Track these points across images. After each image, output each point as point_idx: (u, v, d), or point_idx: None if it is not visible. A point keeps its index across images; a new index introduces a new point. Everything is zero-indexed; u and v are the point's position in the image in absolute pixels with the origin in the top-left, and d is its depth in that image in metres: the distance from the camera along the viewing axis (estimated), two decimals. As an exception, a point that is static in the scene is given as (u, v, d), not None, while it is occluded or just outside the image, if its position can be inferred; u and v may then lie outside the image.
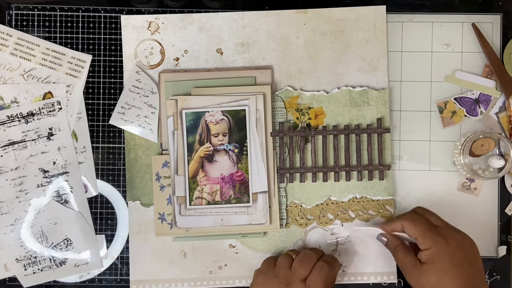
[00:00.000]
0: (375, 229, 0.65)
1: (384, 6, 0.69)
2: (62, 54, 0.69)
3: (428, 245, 0.59)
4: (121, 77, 0.69)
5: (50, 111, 0.68)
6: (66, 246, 0.68)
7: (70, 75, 0.69)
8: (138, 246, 0.68)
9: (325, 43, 0.69)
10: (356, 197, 0.69)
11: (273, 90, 0.69)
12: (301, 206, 0.69)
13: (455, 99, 0.69)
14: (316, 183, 0.69)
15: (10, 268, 0.68)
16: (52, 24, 0.69)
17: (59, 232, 0.68)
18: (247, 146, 0.67)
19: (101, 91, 0.70)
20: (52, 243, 0.68)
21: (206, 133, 0.67)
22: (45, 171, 0.68)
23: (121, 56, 0.69)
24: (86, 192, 0.69)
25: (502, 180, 0.69)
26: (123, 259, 0.69)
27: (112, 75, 0.70)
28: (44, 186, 0.68)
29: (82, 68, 0.69)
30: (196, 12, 0.69)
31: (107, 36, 0.70)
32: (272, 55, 0.69)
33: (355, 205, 0.69)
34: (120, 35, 0.69)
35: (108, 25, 0.70)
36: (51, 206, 0.68)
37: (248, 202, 0.67)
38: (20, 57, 0.68)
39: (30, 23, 0.69)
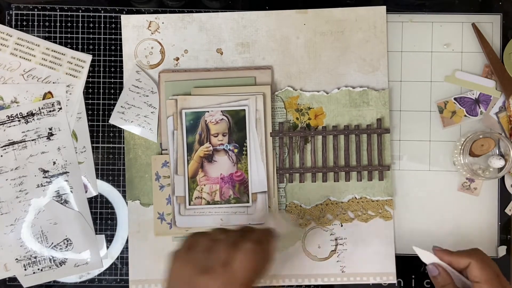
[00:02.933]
0: (431, 256, 0.60)
1: (384, 7, 0.69)
2: (62, 54, 0.69)
3: None
4: (121, 77, 0.69)
5: (50, 111, 0.68)
6: (66, 246, 0.68)
7: (70, 75, 0.69)
8: (138, 246, 0.68)
9: (325, 44, 0.69)
10: (355, 198, 0.69)
11: (273, 90, 0.69)
12: (301, 206, 0.69)
13: (455, 99, 0.69)
14: (316, 183, 0.68)
15: (10, 268, 0.68)
16: (52, 24, 0.70)
17: (59, 232, 0.68)
18: (246, 146, 0.67)
19: (101, 91, 0.70)
20: (52, 243, 0.68)
21: (205, 133, 0.67)
22: (45, 171, 0.68)
23: (121, 56, 0.69)
24: (86, 192, 0.69)
25: (502, 180, 0.69)
26: (123, 259, 0.69)
27: (112, 75, 0.70)
28: (44, 186, 0.68)
29: (82, 68, 0.69)
30: (196, 12, 0.69)
31: (107, 36, 0.70)
32: (272, 55, 0.69)
33: (355, 206, 0.69)
34: (120, 35, 0.69)
35: (108, 25, 0.70)
36: (51, 206, 0.68)
37: (248, 202, 0.67)
38: (20, 57, 0.68)
39: (30, 23, 0.69)
